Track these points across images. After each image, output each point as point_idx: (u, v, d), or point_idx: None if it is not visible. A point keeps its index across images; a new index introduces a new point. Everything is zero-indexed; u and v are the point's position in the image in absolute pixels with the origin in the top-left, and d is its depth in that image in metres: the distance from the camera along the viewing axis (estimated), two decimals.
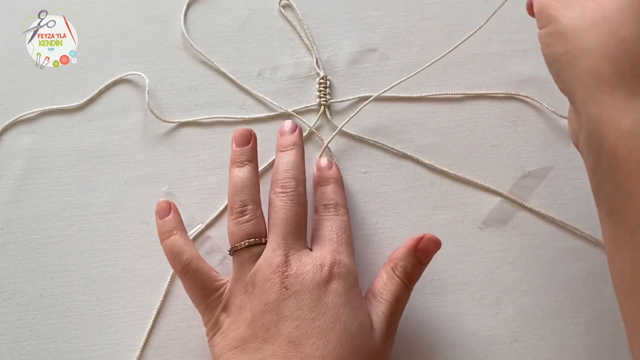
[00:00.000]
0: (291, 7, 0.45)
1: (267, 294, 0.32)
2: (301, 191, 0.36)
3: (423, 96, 0.42)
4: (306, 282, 0.32)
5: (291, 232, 0.34)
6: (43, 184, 0.41)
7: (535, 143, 0.41)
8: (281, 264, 0.33)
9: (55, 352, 0.38)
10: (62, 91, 0.43)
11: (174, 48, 0.44)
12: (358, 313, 0.32)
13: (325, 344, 0.31)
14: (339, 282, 0.33)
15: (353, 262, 0.35)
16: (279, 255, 0.33)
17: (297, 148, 0.37)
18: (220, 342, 0.33)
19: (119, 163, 0.41)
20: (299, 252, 0.34)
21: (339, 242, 0.35)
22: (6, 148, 0.42)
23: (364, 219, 0.40)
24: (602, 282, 0.39)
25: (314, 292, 0.32)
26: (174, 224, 0.36)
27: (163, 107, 0.42)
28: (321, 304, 0.32)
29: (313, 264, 0.33)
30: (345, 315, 0.32)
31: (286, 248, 0.34)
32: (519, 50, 0.44)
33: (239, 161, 0.37)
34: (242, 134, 0.37)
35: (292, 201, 0.35)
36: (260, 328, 0.31)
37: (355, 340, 0.32)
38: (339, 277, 0.33)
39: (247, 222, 0.35)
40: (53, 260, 0.39)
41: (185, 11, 0.45)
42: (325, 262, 0.33)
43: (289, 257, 0.33)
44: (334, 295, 0.32)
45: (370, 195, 0.40)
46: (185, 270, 0.34)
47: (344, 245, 0.35)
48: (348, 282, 0.33)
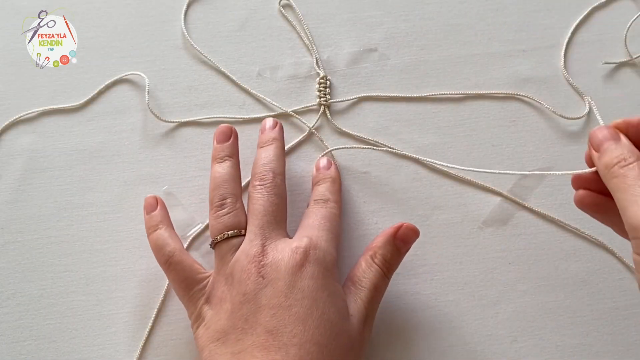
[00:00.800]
0: (291, 7, 0.45)
1: (245, 284, 0.32)
2: (278, 182, 0.36)
3: (423, 96, 0.42)
4: (281, 268, 0.32)
5: (268, 222, 0.34)
6: (43, 184, 0.41)
7: (535, 143, 0.41)
8: (257, 254, 0.33)
9: (55, 352, 0.38)
10: (62, 91, 0.43)
11: (174, 48, 0.44)
12: (335, 299, 0.32)
13: (303, 331, 0.31)
14: (314, 265, 0.32)
15: (333, 249, 0.34)
16: (256, 245, 0.33)
17: (276, 142, 0.38)
18: (203, 335, 0.33)
19: (119, 163, 0.41)
20: (276, 240, 0.34)
21: (320, 228, 0.35)
22: (6, 148, 0.42)
23: (364, 219, 0.40)
24: (602, 282, 0.39)
25: (289, 277, 0.32)
26: (159, 219, 0.36)
27: (163, 107, 0.42)
28: (296, 290, 0.32)
29: (289, 249, 0.33)
30: (323, 301, 0.32)
31: (263, 238, 0.34)
32: (519, 50, 0.44)
33: (219, 157, 0.37)
34: (222, 131, 0.38)
35: (269, 192, 0.35)
36: (240, 319, 0.32)
37: (334, 326, 0.32)
38: (315, 260, 0.33)
39: (225, 215, 0.35)
40: (53, 260, 0.39)
41: (185, 11, 0.45)
42: (300, 246, 0.33)
43: (265, 247, 0.33)
44: (309, 280, 0.32)
45: (370, 195, 0.40)
46: (168, 263, 0.35)
47: (325, 231, 0.35)
48: (324, 266, 0.33)
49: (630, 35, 0.44)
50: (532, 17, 0.44)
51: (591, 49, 0.44)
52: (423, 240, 0.39)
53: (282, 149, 0.38)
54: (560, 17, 0.45)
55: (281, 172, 0.36)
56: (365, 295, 0.34)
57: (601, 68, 0.44)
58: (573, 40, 0.44)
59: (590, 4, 0.45)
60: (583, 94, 0.43)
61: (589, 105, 0.42)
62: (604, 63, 0.44)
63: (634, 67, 0.44)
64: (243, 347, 0.31)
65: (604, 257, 0.39)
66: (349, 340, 0.32)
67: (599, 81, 0.43)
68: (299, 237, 0.34)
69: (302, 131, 0.42)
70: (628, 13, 0.45)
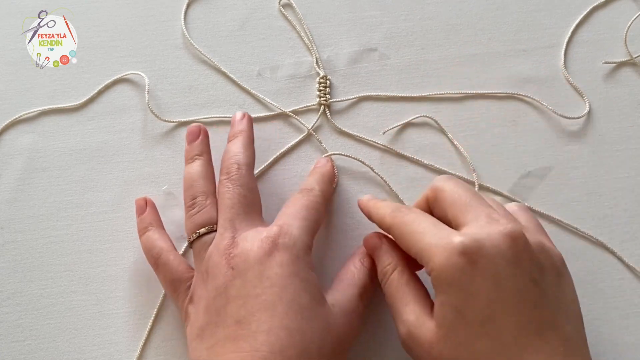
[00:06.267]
0: (291, 6, 0.45)
1: (217, 278, 0.32)
2: (243, 173, 0.35)
3: (423, 96, 0.42)
4: (250, 259, 0.32)
5: (237, 214, 0.34)
6: (43, 183, 0.41)
7: (535, 143, 0.41)
8: (227, 246, 0.33)
9: (55, 352, 0.38)
10: (62, 91, 0.43)
11: (174, 48, 0.44)
12: (307, 284, 0.32)
13: (272, 317, 0.30)
14: (283, 253, 0.32)
15: (306, 236, 0.33)
16: (226, 237, 0.33)
17: (243, 134, 0.37)
18: (189, 334, 0.33)
19: (119, 163, 0.41)
20: (247, 231, 0.33)
21: (294, 216, 0.34)
22: (6, 148, 0.42)
23: (364, 219, 0.40)
24: (602, 282, 0.39)
25: (257, 267, 0.31)
26: (149, 220, 0.37)
27: (163, 106, 0.42)
28: (264, 278, 0.31)
29: (258, 239, 0.32)
30: (293, 287, 0.31)
31: (232, 230, 0.33)
32: (519, 50, 0.44)
33: (189, 157, 0.37)
34: (191, 131, 0.38)
35: (235, 184, 0.35)
36: (213, 313, 0.32)
37: (306, 311, 0.31)
38: (284, 247, 0.32)
39: (196, 214, 0.35)
40: (53, 260, 0.39)
41: (185, 11, 0.45)
42: (269, 235, 0.32)
43: (235, 238, 0.33)
44: (278, 267, 0.31)
45: (371, 194, 0.40)
46: (156, 264, 0.35)
47: (299, 219, 0.34)
48: (294, 253, 0.32)
49: (630, 35, 0.44)
50: (532, 17, 0.44)
51: (591, 49, 0.44)
52: None
53: (249, 140, 0.37)
54: (560, 17, 0.45)
55: (247, 162, 0.36)
56: (351, 290, 0.34)
57: (601, 68, 0.44)
58: (573, 40, 0.44)
59: (590, 4, 0.45)
60: (583, 94, 0.43)
61: (589, 105, 0.42)
62: (604, 63, 0.44)
63: (634, 67, 0.44)
64: (216, 340, 0.31)
65: (604, 257, 0.39)
66: (326, 325, 0.32)
67: (599, 81, 0.43)
68: (270, 226, 0.34)
69: (301, 131, 0.42)
70: (628, 13, 0.45)
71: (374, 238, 0.36)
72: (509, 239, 0.29)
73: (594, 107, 0.42)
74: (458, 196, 0.32)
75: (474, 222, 0.30)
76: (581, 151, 0.41)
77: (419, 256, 0.31)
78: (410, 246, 0.31)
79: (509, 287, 0.29)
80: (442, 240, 0.30)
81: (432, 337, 0.30)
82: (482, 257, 0.29)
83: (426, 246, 0.30)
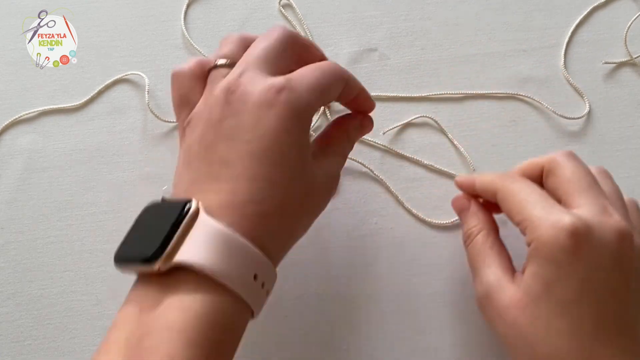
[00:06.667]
0: (291, 6, 0.45)
1: (214, 111, 0.31)
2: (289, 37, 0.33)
3: (423, 96, 0.42)
4: (249, 102, 0.30)
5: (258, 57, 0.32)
6: (43, 183, 0.41)
7: (535, 143, 0.41)
8: (232, 82, 0.31)
9: (55, 352, 0.38)
10: (62, 91, 0.43)
11: (174, 48, 0.44)
12: (299, 145, 0.31)
13: (258, 166, 0.29)
14: (284, 108, 0.30)
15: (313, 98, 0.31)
16: (235, 74, 0.31)
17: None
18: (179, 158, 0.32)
19: (119, 163, 0.41)
20: (257, 75, 0.31)
21: (306, 76, 0.31)
22: (6, 148, 0.42)
23: (364, 219, 0.40)
24: None
25: (254, 112, 0.30)
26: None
27: (163, 106, 0.42)
28: (259, 126, 0.29)
29: (263, 85, 0.30)
30: (286, 143, 0.30)
31: (245, 69, 0.31)
32: (519, 50, 0.44)
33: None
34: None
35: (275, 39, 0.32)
36: (202, 145, 0.30)
37: (293, 170, 0.30)
38: (287, 102, 0.30)
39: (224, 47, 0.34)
40: (53, 260, 0.39)
41: (185, 11, 0.45)
42: (275, 84, 0.30)
43: (242, 78, 0.31)
44: (275, 119, 0.29)
45: (370, 195, 0.40)
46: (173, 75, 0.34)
47: (311, 79, 0.31)
48: (296, 110, 0.30)
49: (630, 35, 0.44)
50: (532, 17, 0.44)
51: (591, 49, 0.44)
52: (423, 241, 0.39)
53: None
54: (560, 17, 0.45)
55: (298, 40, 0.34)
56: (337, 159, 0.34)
57: (601, 68, 0.44)
58: (573, 40, 0.44)
59: (590, 4, 0.45)
60: (583, 94, 0.43)
61: (589, 105, 0.42)
62: (604, 63, 0.44)
63: (634, 67, 0.44)
64: (199, 175, 0.30)
65: None
66: (309, 187, 0.31)
67: (599, 81, 0.43)
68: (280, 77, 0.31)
69: None
70: (628, 13, 0.45)
71: (462, 199, 0.36)
72: (619, 235, 0.30)
73: (594, 107, 0.42)
74: (577, 178, 0.32)
75: (587, 207, 0.31)
76: (581, 151, 0.41)
77: (523, 224, 0.31)
78: (516, 213, 0.32)
79: (603, 280, 0.29)
80: (552, 215, 0.30)
81: (511, 303, 0.31)
82: (588, 243, 0.29)
83: (534, 217, 0.31)
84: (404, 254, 0.39)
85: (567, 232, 0.29)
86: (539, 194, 0.32)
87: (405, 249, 0.39)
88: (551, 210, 0.30)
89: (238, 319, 0.28)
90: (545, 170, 0.34)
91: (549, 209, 0.31)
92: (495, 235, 0.35)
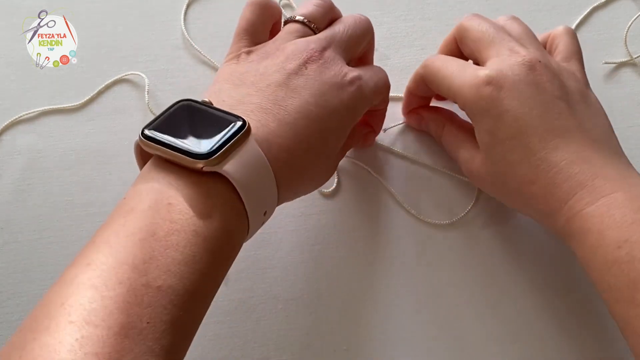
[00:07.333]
0: (291, 6, 0.45)
1: (288, 61, 0.32)
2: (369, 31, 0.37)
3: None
4: (322, 78, 0.32)
5: (341, 40, 0.35)
6: (43, 184, 0.41)
7: None
8: (316, 53, 0.33)
9: None
10: (62, 91, 0.43)
11: (174, 48, 0.44)
12: (343, 130, 0.34)
13: (305, 127, 0.31)
14: (350, 96, 0.33)
15: (371, 99, 0.35)
16: (322, 45, 0.33)
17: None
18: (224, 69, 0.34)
19: (119, 163, 0.41)
20: (338, 56, 0.34)
21: (372, 78, 0.35)
22: (6, 148, 0.42)
23: (364, 219, 0.40)
24: None
25: (326, 87, 0.32)
26: None
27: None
28: (324, 98, 0.32)
29: (339, 70, 0.33)
30: (336, 121, 0.33)
31: (328, 45, 0.34)
32: None
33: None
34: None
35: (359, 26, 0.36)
36: (262, 79, 0.32)
37: (327, 152, 0.34)
38: (353, 94, 0.33)
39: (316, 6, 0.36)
40: (53, 260, 0.39)
41: (185, 11, 0.45)
42: (349, 75, 0.33)
43: (327, 53, 0.33)
44: (339, 102, 0.32)
45: (371, 194, 0.40)
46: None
47: (378, 83, 0.35)
48: (356, 104, 0.34)
49: (630, 35, 0.44)
50: (532, 17, 0.44)
51: (591, 49, 0.44)
52: (423, 241, 0.39)
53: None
54: (560, 17, 0.45)
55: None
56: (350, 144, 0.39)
57: (601, 68, 0.44)
58: None
59: (590, 4, 0.45)
60: None
61: None
62: (604, 63, 0.44)
63: (634, 67, 0.44)
64: (248, 99, 0.31)
65: None
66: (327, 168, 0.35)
67: (599, 81, 0.43)
68: (356, 68, 0.34)
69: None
70: (628, 13, 0.45)
71: (414, 115, 0.41)
72: (527, 66, 0.34)
73: None
74: (482, 34, 0.36)
75: (496, 56, 0.35)
76: None
77: (452, 96, 0.36)
78: (444, 89, 0.36)
79: (532, 104, 0.33)
80: (469, 76, 0.34)
81: (479, 163, 0.36)
82: (505, 83, 0.33)
83: (456, 87, 0.35)
84: (403, 253, 0.39)
85: (484, 82, 0.33)
86: (455, 64, 0.36)
87: (405, 249, 0.39)
88: (467, 72, 0.35)
89: (240, 241, 0.30)
90: (457, 38, 0.38)
91: (466, 72, 0.35)
92: (454, 122, 0.39)
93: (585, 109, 0.34)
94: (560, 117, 0.33)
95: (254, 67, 0.33)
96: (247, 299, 0.37)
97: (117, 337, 0.22)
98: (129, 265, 0.24)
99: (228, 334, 0.36)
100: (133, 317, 0.23)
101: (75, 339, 0.22)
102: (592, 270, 0.31)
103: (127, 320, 0.23)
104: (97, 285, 0.24)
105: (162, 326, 0.24)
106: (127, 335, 0.23)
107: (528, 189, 0.33)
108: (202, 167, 0.27)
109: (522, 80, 0.33)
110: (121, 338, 0.22)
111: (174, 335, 0.24)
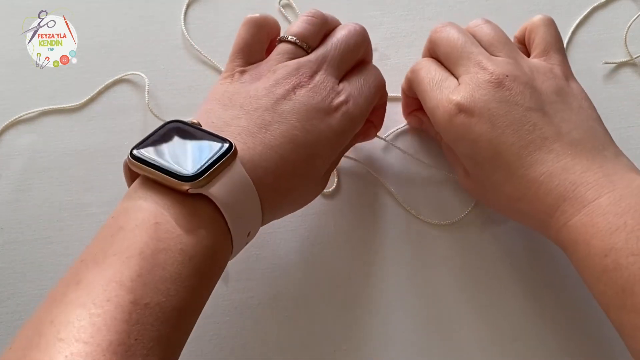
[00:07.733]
0: (291, 7, 0.45)
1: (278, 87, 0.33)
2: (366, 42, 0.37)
3: None
4: (310, 103, 0.33)
5: (333, 57, 0.35)
6: (43, 184, 0.41)
7: None
8: (305, 77, 0.33)
9: None
10: (62, 91, 0.43)
11: (174, 48, 0.44)
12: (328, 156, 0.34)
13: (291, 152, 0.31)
14: (341, 120, 0.33)
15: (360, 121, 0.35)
16: (310, 68, 0.34)
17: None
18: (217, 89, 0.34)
19: (119, 163, 0.41)
20: (328, 77, 0.34)
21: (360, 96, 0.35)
22: (6, 148, 0.42)
23: (364, 219, 0.40)
24: None
25: (312, 112, 0.32)
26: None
27: (163, 107, 0.42)
28: (310, 123, 0.32)
29: (328, 91, 0.33)
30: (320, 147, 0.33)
31: (319, 67, 0.34)
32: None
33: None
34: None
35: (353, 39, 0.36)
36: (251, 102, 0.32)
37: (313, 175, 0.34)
38: (344, 114, 0.33)
39: (308, 25, 0.35)
40: (53, 260, 0.39)
41: (185, 11, 0.45)
42: (335, 100, 0.33)
43: (315, 76, 0.34)
44: (326, 128, 0.33)
45: (371, 194, 0.40)
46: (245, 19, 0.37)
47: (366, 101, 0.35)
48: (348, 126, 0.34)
49: (630, 35, 0.44)
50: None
51: (591, 49, 0.44)
52: (423, 241, 0.39)
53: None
54: (560, 17, 0.44)
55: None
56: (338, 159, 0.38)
57: (601, 68, 0.44)
58: (573, 40, 0.44)
59: (590, 4, 0.45)
60: None
61: None
62: (604, 63, 0.44)
63: (634, 67, 0.44)
64: (235, 122, 0.31)
65: None
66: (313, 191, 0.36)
67: (599, 81, 0.43)
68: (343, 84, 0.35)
69: None
70: (628, 13, 0.45)
71: (413, 118, 0.41)
72: (494, 84, 0.33)
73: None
74: (450, 48, 0.36)
75: (466, 74, 0.34)
76: None
77: (428, 114, 0.36)
78: (422, 102, 0.37)
79: (504, 122, 0.33)
80: (443, 101, 0.34)
81: (468, 184, 0.37)
82: (475, 108, 0.33)
83: (430, 107, 0.35)
84: (403, 253, 0.39)
85: (455, 112, 0.33)
86: (434, 78, 0.36)
87: (405, 249, 0.39)
88: (441, 95, 0.35)
89: (225, 260, 0.30)
90: (430, 53, 0.38)
91: (440, 93, 0.35)
92: None
93: (563, 109, 0.33)
94: (535, 128, 0.32)
95: (245, 89, 0.33)
96: (247, 299, 0.37)
97: (105, 354, 0.22)
98: (117, 283, 0.25)
99: (228, 334, 0.36)
100: (121, 334, 0.23)
101: (64, 356, 0.22)
102: (585, 279, 0.31)
103: (115, 337, 0.23)
104: (86, 303, 0.24)
105: (150, 343, 0.24)
106: (115, 352, 0.23)
107: (516, 205, 0.33)
108: (187, 190, 0.27)
109: (492, 100, 0.33)
110: (110, 355, 0.23)
111: (162, 352, 0.25)
